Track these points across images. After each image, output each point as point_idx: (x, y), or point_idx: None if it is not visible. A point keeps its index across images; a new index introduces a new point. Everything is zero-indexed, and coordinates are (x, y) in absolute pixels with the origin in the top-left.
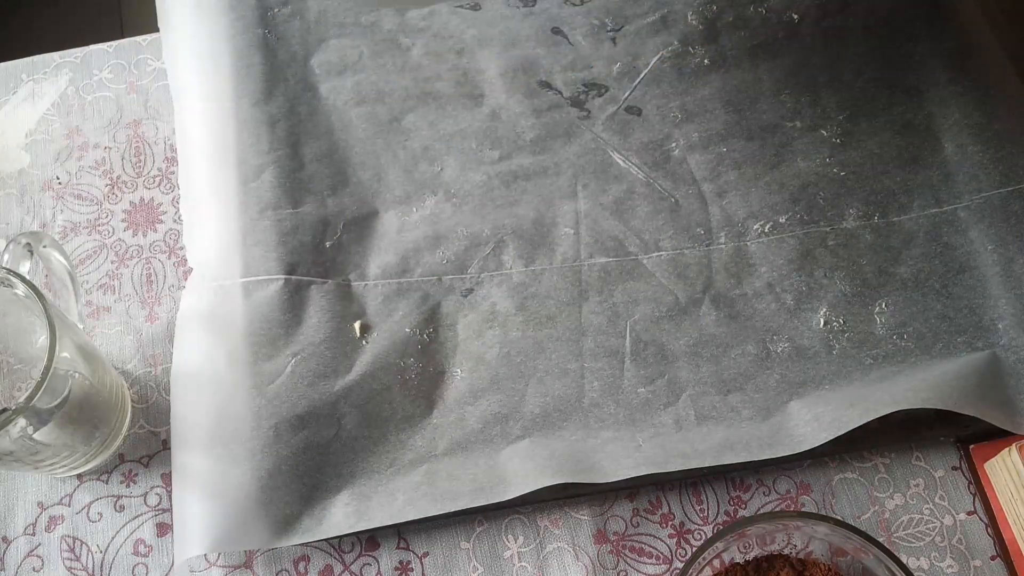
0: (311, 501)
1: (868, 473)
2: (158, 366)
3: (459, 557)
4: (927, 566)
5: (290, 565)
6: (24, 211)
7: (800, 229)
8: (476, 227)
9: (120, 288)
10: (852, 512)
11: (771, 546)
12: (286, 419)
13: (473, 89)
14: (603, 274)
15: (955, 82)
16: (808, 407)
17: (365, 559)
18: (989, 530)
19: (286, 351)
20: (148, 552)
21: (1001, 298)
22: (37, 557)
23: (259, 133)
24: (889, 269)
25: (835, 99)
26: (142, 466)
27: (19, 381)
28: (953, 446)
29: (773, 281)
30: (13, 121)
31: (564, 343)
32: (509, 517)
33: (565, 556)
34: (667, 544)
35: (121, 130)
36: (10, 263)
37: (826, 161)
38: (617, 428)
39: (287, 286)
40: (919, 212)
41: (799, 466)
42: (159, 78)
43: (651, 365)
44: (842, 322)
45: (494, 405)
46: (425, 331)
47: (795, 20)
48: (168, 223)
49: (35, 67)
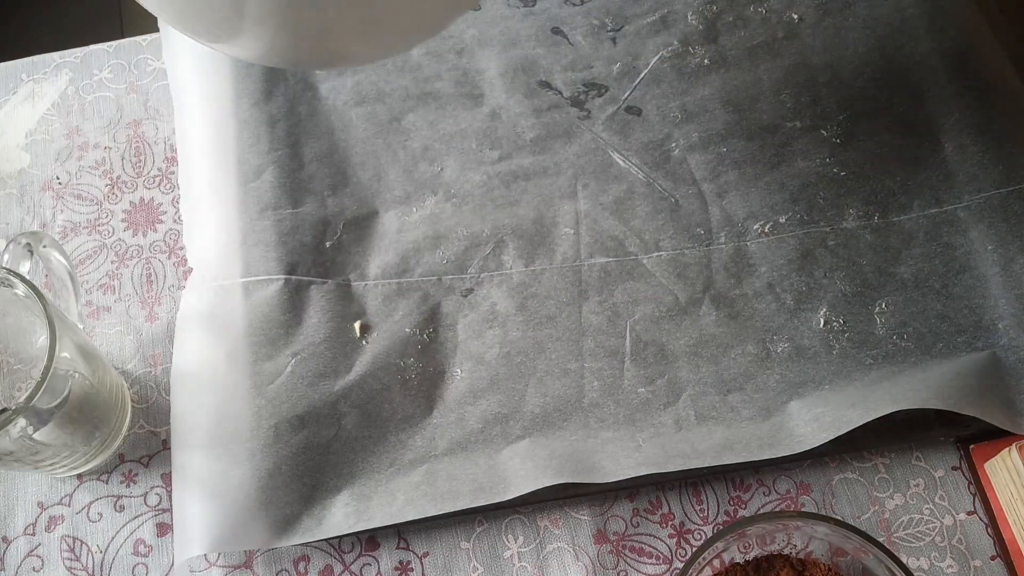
0: (311, 501)
1: (868, 473)
2: (158, 366)
3: (459, 557)
4: (927, 566)
5: (290, 565)
6: (24, 211)
7: (800, 229)
8: (476, 227)
9: (120, 288)
10: (852, 512)
11: (771, 546)
12: (286, 419)
13: (473, 89)
14: (603, 274)
15: (955, 82)
16: (808, 407)
17: (365, 559)
18: (989, 530)
19: (286, 351)
20: (148, 552)
21: (1001, 298)
22: (37, 557)
23: (259, 133)
24: (889, 269)
25: (835, 99)
26: (142, 466)
27: (19, 381)
28: (953, 446)
29: (773, 281)
30: (13, 121)
31: (564, 343)
32: (509, 517)
33: (565, 556)
34: (667, 544)
35: (121, 130)
36: (10, 263)
37: (826, 161)
38: (617, 428)
39: (287, 286)
40: (919, 212)
41: (799, 466)
42: (159, 78)
43: (651, 365)
44: (842, 322)
45: (494, 405)
46: (425, 331)
47: (795, 20)
48: (168, 223)
49: (35, 67)
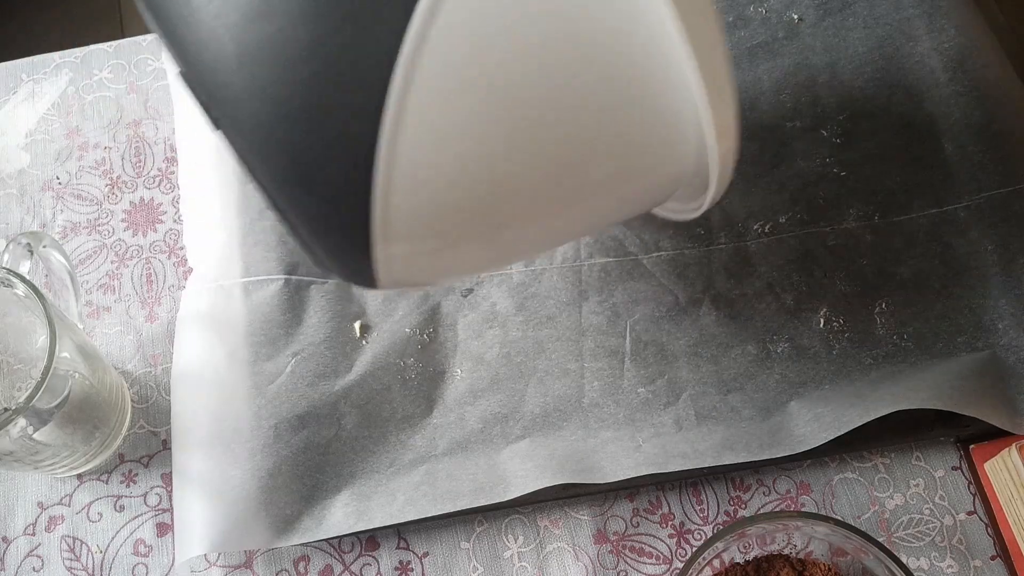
0: (311, 501)
1: (868, 473)
2: (158, 366)
3: (459, 557)
4: (927, 566)
5: (290, 565)
6: (24, 211)
7: (800, 229)
8: None
9: (120, 288)
10: (852, 512)
11: (771, 546)
12: (286, 419)
13: None
14: (603, 274)
15: (955, 82)
16: (808, 407)
17: (365, 559)
18: (989, 530)
19: (286, 351)
20: (148, 552)
21: (1001, 298)
22: (37, 557)
23: None
24: (889, 269)
25: (835, 99)
26: (142, 466)
27: (19, 381)
28: (953, 446)
29: (773, 281)
30: (13, 121)
31: (564, 343)
32: (509, 517)
33: (565, 556)
34: (667, 544)
35: (121, 130)
36: (10, 263)
37: (826, 161)
38: (617, 428)
39: (287, 286)
40: (919, 212)
41: (799, 466)
42: (159, 78)
43: (651, 365)
44: (842, 322)
45: (494, 405)
46: (425, 331)
47: (795, 20)
48: (168, 223)
49: (35, 67)
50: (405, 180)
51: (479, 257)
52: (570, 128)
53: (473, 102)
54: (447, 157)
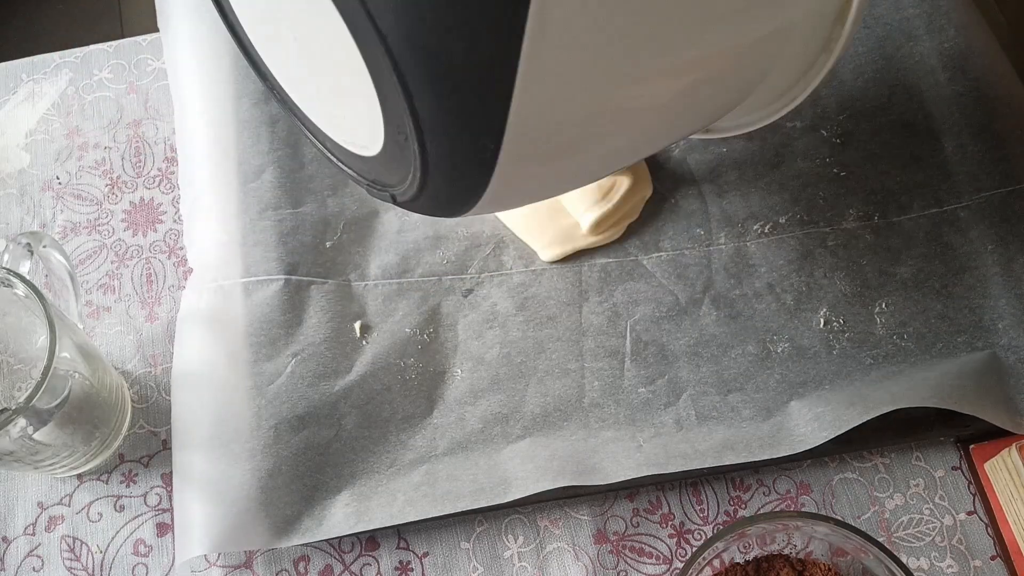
0: (311, 501)
1: (868, 473)
2: (158, 366)
3: (459, 557)
4: (927, 566)
5: (290, 565)
6: (24, 211)
7: (800, 229)
8: (476, 227)
9: (120, 288)
10: (852, 512)
11: (771, 546)
12: (286, 419)
13: None
14: (603, 274)
15: (955, 82)
16: (808, 407)
17: (365, 559)
18: (989, 530)
19: (286, 351)
20: (148, 552)
21: (1001, 298)
22: (37, 557)
23: (259, 133)
24: (889, 269)
25: (835, 99)
26: (142, 466)
27: (19, 381)
28: (953, 446)
29: (773, 281)
30: (13, 121)
31: (564, 343)
32: (509, 517)
33: (565, 556)
34: (667, 544)
35: (121, 130)
36: (10, 263)
37: (826, 161)
38: (617, 428)
39: (287, 286)
40: (919, 212)
41: (799, 466)
42: (159, 78)
43: (651, 365)
44: (842, 322)
45: (494, 405)
46: (425, 331)
47: None
48: (168, 223)
49: (35, 67)
50: (543, 88)
51: (586, 169)
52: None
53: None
54: (586, 58)
